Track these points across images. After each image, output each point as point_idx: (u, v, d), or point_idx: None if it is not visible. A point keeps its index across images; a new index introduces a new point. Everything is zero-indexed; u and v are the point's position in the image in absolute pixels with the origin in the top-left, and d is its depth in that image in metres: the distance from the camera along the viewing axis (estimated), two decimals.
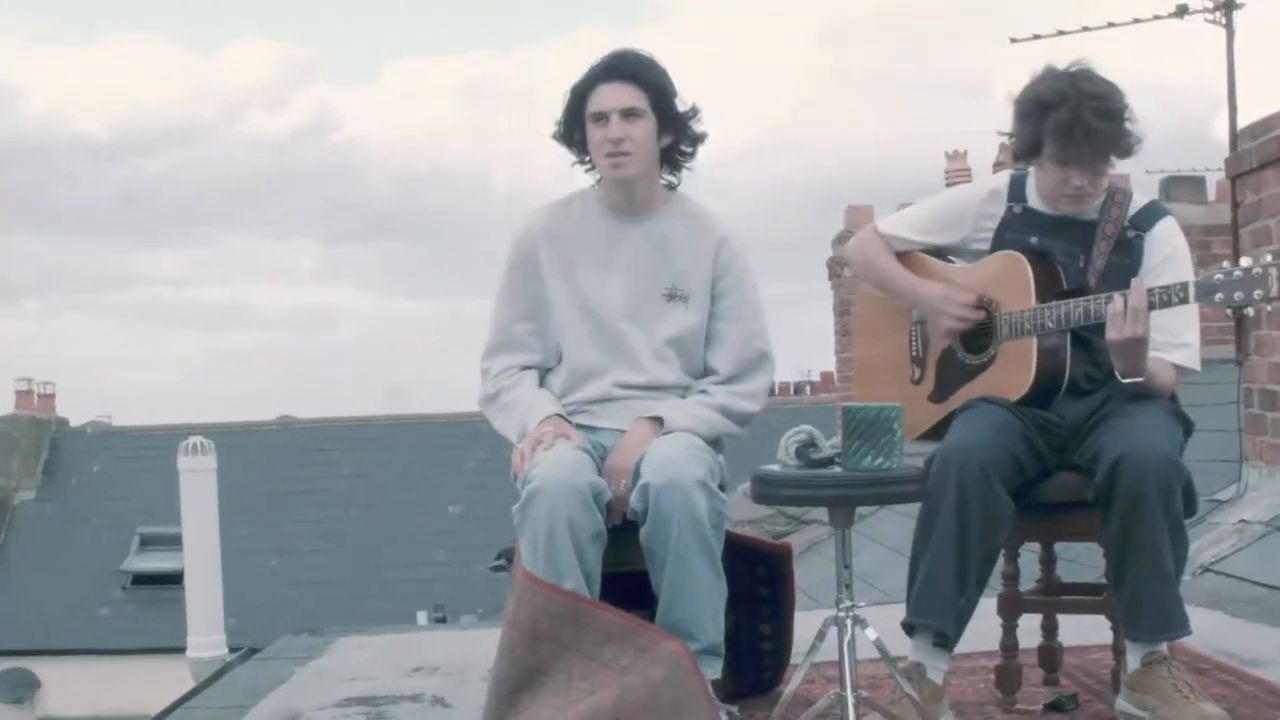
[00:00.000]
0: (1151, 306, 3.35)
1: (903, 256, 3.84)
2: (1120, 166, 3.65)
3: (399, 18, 52.55)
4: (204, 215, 48.99)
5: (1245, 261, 3.26)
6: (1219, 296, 3.26)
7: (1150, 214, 3.64)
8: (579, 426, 3.51)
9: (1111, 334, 3.37)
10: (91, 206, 47.39)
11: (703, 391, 3.57)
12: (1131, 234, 3.61)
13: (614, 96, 3.49)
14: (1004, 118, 3.67)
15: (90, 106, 50.49)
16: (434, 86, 52.83)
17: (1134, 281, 3.39)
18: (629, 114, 3.49)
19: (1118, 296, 3.36)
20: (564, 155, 3.65)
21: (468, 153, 53.32)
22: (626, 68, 3.52)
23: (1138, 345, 3.37)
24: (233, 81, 49.09)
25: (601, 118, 3.49)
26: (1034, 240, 3.63)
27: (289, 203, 49.92)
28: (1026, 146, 3.60)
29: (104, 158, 48.51)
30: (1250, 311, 3.30)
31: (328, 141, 48.39)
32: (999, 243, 3.68)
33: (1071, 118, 3.45)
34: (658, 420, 3.47)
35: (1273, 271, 3.21)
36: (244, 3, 51.96)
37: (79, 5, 51.32)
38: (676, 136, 3.59)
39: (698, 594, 3.31)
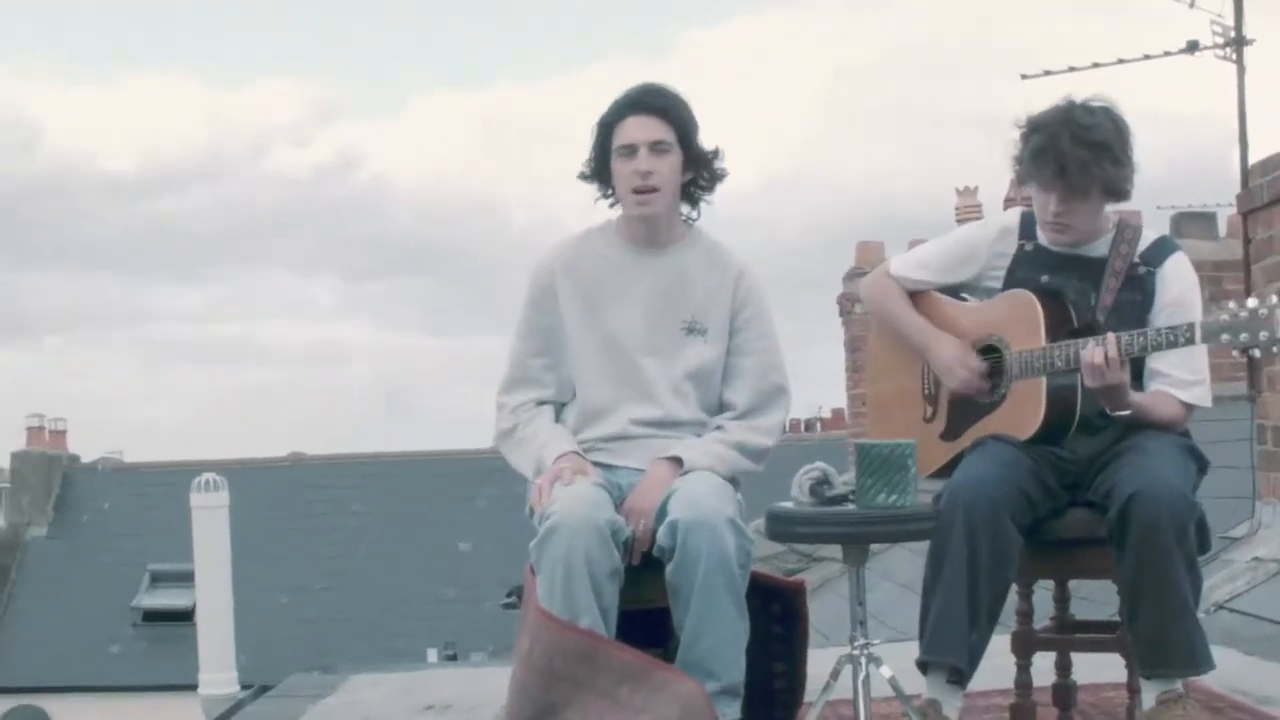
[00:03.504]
0: (1157, 348, 3.38)
1: (915, 295, 3.85)
2: (1132, 203, 3.66)
3: (423, 54, 52.85)
4: (227, 252, 49.31)
5: (1252, 302, 3.26)
6: (1225, 337, 3.27)
7: (1161, 249, 3.65)
8: (595, 465, 3.50)
9: (1087, 381, 3.40)
10: (116, 243, 47.75)
11: (719, 428, 3.57)
12: (1142, 270, 3.61)
13: (643, 130, 3.48)
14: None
15: (117, 144, 50.95)
16: (457, 122, 53.10)
17: (1109, 333, 3.40)
18: (657, 147, 3.48)
19: (1092, 345, 3.37)
20: (586, 192, 3.64)
21: (489, 188, 53.52)
22: (655, 101, 3.52)
23: (1114, 390, 3.40)
24: (259, 119, 49.45)
25: (630, 150, 3.48)
26: (1045, 279, 3.63)
27: (312, 240, 50.22)
28: (1020, 169, 3.62)
29: (130, 195, 48.88)
30: (1257, 353, 3.30)
31: (352, 178, 48.67)
32: (1011, 280, 3.68)
33: (1046, 141, 3.48)
34: (676, 460, 3.46)
35: (1279, 313, 3.21)
36: (270, 41, 52.31)
37: (107, 45, 51.75)
38: (697, 173, 3.59)
39: (722, 632, 3.29)
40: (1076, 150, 3.45)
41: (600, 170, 3.58)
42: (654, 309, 3.58)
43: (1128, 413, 3.45)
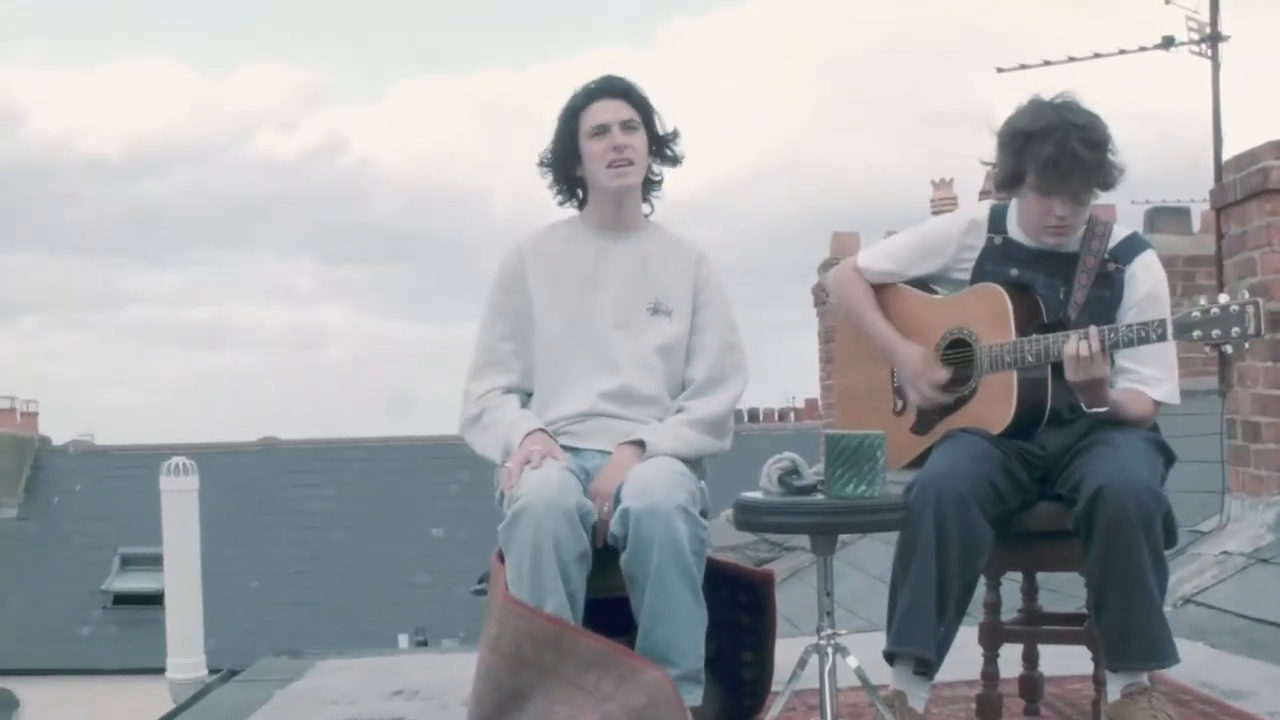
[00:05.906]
0: (1129, 343, 3.38)
1: (883, 287, 3.85)
2: (1105, 197, 3.66)
3: (410, 38, 52.52)
4: (209, 236, 48.87)
5: (1223, 298, 3.27)
6: (1197, 333, 3.28)
7: (1130, 246, 3.65)
8: (561, 447, 3.51)
9: (1069, 375, 3.40)
10: (99, 226, 47.31)
11: (680, 410, 3.60)
12: (1112, 266, 3.61)
13: (614, 110, 3.62)
14: (988, 147, 3.68)
15: (101, 127, 50.41)
16: (443, 107, 52.72)
17: (1091, 326, 3.41)
18: (627, 125, 3.61)
19: (1074, 338, 3.38)
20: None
21: (473, 174, 53.20)
22: (619, 85, 3.66)
23: (1096, 384, 3.41)
24: (244, 104, 49.04)
25: (603, 130, 3.60)
26: (1014, 272, 3.64)
27: (293, 224, 49.83)
28: (1008, 177, 3.61)
29: (113, 178, 48.42)
30: (1229, 349, 3.31)
31: (336, 163, 48.31)
32: (979, 274, 3.69)
33: (1058, 149, 3.45)
34: (640, 444, 3.48)
35: (1250, 309, 3.22)
36: (257, 25, 51.86)
37: (92, 28, 51.21)
38: (659, 154, 3.72)
39: (678, 620, 3.30)
40: (1089, 154, 3.46)
41: (564, 156, 3.67)
42: (622, 290, 3.66)
43: (1105, 409, 3.46)
